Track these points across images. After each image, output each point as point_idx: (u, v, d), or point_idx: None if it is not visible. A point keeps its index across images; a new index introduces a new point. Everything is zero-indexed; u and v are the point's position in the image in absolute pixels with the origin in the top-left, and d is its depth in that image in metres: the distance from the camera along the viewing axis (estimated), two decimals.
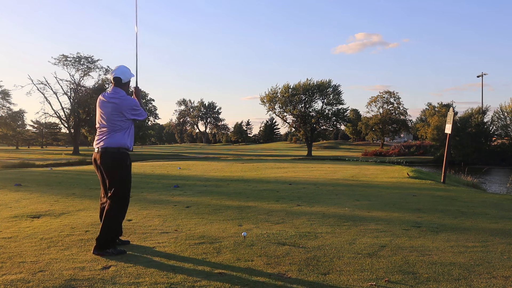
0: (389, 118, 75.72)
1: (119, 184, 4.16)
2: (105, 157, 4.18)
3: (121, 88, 4.33)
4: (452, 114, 13.08)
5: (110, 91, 4.30)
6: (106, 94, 4.31)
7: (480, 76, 58.63)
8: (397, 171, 16.37)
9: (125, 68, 4.37)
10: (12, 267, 3.57)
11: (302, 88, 54.34)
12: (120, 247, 4.16)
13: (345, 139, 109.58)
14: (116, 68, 4.35)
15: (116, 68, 4.36)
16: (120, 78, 4.29)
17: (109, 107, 4.22)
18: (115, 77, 4.29)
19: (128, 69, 4.40)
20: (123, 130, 4.24)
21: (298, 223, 5.65)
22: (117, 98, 4.24)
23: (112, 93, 4.27)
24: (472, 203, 8.09)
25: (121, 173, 4.20)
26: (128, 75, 4.38)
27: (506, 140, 48.05)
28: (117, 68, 4.36)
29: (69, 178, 13.25)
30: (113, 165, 4.18)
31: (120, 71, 4.33)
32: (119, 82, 4.30)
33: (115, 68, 4.36)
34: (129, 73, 4.40)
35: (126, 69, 4.38)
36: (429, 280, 3.37)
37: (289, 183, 11.30)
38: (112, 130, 4.20)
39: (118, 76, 4.29)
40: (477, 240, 4.80)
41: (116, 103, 4.21)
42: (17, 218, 5.93)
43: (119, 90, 4.29)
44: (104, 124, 4.23)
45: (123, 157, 4.23)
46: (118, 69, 4.34)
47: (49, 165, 27.23)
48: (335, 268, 3.64)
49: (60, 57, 52.45)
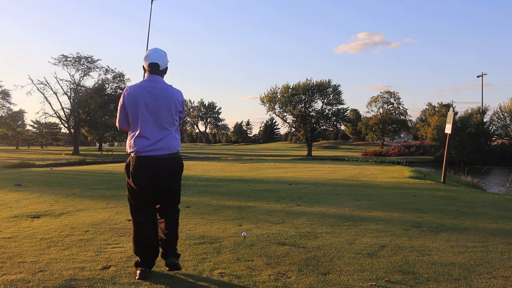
0: (389, 118, 75.72)
1: (179, 194, 3.63)
2: (177, 164, 3.51)
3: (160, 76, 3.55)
4: (452, 114, 13.07)
5: (151, 80, 3.47)
6: (150, 83, 3.45)
7: (480, 76, 58.67)
8: (397, 171, 16.37)
9: (162, 52, 3.53)
10: (12, 267, 3.56)
11: (302, 88, 54.35)
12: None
13: (345, 139, 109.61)
14: (150, 52, 3.50)
15: (151, 51, 3.51)
16: (157, 64, 3.46)
17: (165, 98, 3.42)
18: (152, 63, 3.46)
19: (165, 53, 3.55)
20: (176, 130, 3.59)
21: (298, 223, 5.65)
22: (170, 88, 3.51)
23: (159, 82, 3.48)
24: (472, 203, 8.09)
25: (180, 182, 3.64)
26: (166, 60, 3.54)
27: (506, 140, 48.06)
28: (152, 51, 3.51)
29: (69, 178, 13.24)
30: (180, 174, 3.58)
31: (157, 55, 3.48)
32: (155, 69, 3.47)
33: (149, 52, 3.51)
34: (166, 58, 3.55)
35: (163, 53, 3.53)
36: (429, 280, 3.37)
37: (289, 183, 11.29)
38: (174, 129, 3.51)
39: (155, 62, 3.45)
40: (477, 240, 4.80)
41: (173, 94, 3.49)
42: (17, 218, 5.93)
43: (161, 79, 3.53)
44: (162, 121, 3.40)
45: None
46: (154, 52, 3.49)
47: (49, 165, 27.21)
48: (335, 268, 3.64)
49: (60, 57, 52.46)
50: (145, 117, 3.36)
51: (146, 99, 3.36)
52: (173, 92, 3.50)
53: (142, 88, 3.42)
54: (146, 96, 3.37)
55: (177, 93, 3.53)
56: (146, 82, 3.45)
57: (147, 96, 3.37)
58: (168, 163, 3.40)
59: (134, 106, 3.37)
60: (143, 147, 3.34)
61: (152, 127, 3.37)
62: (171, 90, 3.49)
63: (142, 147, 3.34)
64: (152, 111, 3.37)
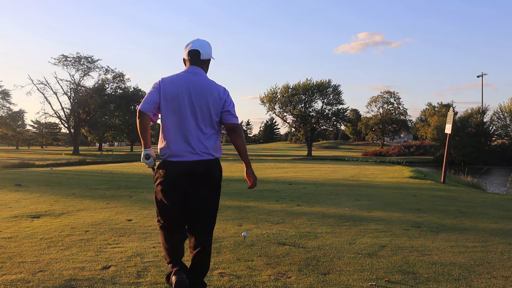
0: (389, 118, 75.73)
1: (216, 210, 3.05)
2: (216, 172, 2.95)
3: (201, 68, 3.01)
4: (452, 114, 13.08)
5: (191, 71, 2.95)
6: (189, 74, 2.93)
7: (480, 76, 58.65)
8: (397, 171, 16.37)
9: (205, 42, 3.03)
10: (12, 267, 3.56)
11: (302, 88, 54.40)
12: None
13: (345, 139, 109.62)
14: (192, 40, 3.04)
15: (193, 40, 3.04)
16: (198, 51, 2.95)
17: (205, 94, 2.88)
18: (192, 50, 2.96)
19: (209, 44, 3.05)
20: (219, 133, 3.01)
21: (298, 223, 5.65)
22: (212, 84, 2.96)
23: (200, 74, 2.96)
24: (472, 203, 8.09)
25: (219, 194, 3.05)
26: (209, 50, 3.02)
27: (506, 140, 48.07)
28: (194, 40, 3.04)
29: (69, 178, 13.24)
30: (219, 184, 3.02)
31: (199, 43, 2.99)
32: (196, 57, 2.96)
33: (191, 41, 3.04)
34: (210, 49, 3.04)
35: (207, 43, 3.04)
36: (429, 280, 3.37)
37: (289, 183, 11.30)
38: (213, 133, 2.93)
39: (196, 49, 2.96)
40: (477, 240, 4.80)
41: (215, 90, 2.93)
42: (17, 218, 5.92)
43: (202, 71, 2.99)
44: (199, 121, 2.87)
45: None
46: (196, 40, 3.03)
47: (49, 165, 27.23)
48: (335, 268, 3.63)
49: (60, 57, 52.57)
50: (179, 114, 2.84)
51: (183, 93, 2.85)
52: (215, 88, 2.93)
53: (179, 79, 2.90)
54: (184, 89, 2.86)
55: (221, 90, 2.95)
56: (184, 73, 2.94)
57: (184, 89, 2.85)
58: (204, 171, 2.86)
59: (167, 100, 2.85)
60: (176, 151, 2.83)
61: (187, 127, 2.84)
62: (213, 86, 2.93)
63: (175, 151, 2.84)
64: (189, 108, 2.84)
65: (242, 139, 2.99)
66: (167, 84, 2.87)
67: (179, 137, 2.84)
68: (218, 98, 2.91)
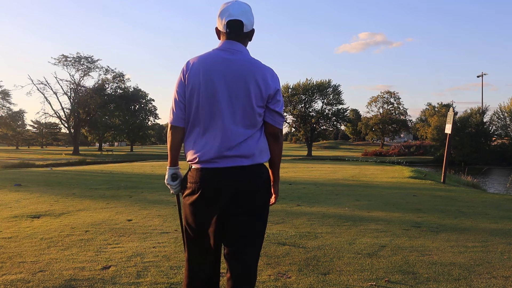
0: (389, 118, 75.76)
1: (263, 234, 2.25)
2: (261, 181, 2.16)
3: (242, 43, 2.17)
4: (452, 114, 13.08)
5: (228, 47, 2.12)
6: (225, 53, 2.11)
7: (480, 76, 58.66)
8: (397, 171, 16.38)
9: (246, 6, 2.15)
10: (12, 267, 3.56)
11: (302, 88, 54.44)
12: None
13: (345, 139, 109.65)
14: (229, 5, 2.12)
15: (229, 4, 2.12)
16: (241, 22, 2.11)
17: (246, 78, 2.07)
18: (232, 20, 2.10)
19: (250, 8, 2.18)
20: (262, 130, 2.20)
21: (298, 223, 5.64)
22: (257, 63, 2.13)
23: (242, 51, 2.13)
24: (472, 203, 8.09)
25: (268, 211, 2.26)
26: (252, 18, 2.17)
27: (506, 140, 48.08)
28: (231, 4, 2.12)
29: (69, 178, 13.24)
30: (267, 197, 2.24)
31: (241, 10, 2.12)
32: (238, 30, 2.13)
33: (226, 5, 2.13)
34: (253, 16, 2.18)
35: (248, 8, 2.16)
36: (429, 280, 3.37)
37: (289, 183, 11.29)
38: (256, 129, 2.15)
39: (238, 19, 2.10)
40: (477, 240, 4.80)
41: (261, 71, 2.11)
42: (17, 218, 5.92)
43: (244, 48, 2.17)
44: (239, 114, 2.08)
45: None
46: (235, 4, 2.12)
47: (49, 165, 27.24)
48: (335, 268, 3.63)
49: (60, 57, 52.60)
50: (211, 108, 2.07)
51: (218, 77, 2.07)
52: (261, 71, 2.10)
53: (212, 61, 2.10)
54: (218, 74, 2.07)
55: (268, 75, 2.12)
56: (219, 52, 2.13)
57: (219, 74, 2.07)
58: (247, 179, 2.10)
59: (195, 90, 2.08)
60: (210, 155, 2.08)
61: (223, 125, 2.07)
62: (259, 68, 2.11)
63: (207, 155, 2.08)
64: (226, 98, 2.07)
65: (280, 149, 2.29)
66: (195, 70, 2.08)
67: (212, 138, 2.08)
68: (265, 86, 2.09)
